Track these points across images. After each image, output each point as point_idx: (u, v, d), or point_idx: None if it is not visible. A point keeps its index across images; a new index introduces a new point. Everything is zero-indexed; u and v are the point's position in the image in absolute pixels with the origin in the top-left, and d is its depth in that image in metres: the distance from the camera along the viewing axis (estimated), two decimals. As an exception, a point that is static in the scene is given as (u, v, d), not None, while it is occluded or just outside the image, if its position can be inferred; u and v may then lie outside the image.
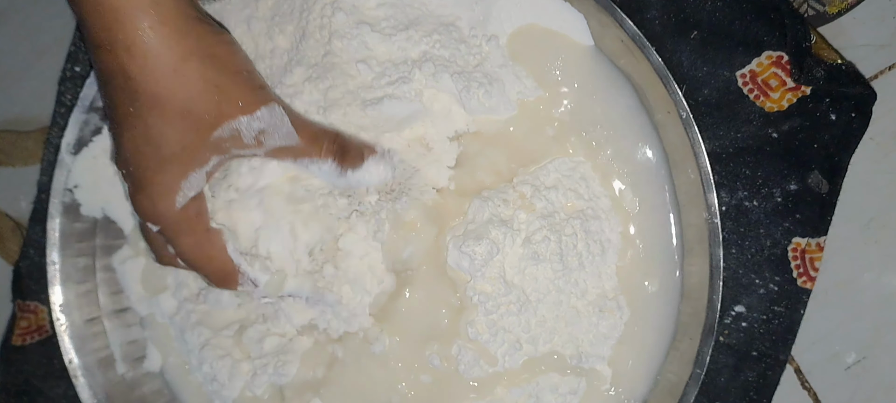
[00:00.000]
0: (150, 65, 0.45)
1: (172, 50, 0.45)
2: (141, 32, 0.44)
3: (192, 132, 0.47)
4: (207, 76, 0.46)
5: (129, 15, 0.44)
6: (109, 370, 0.61)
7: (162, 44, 0.45)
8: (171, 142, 0.46)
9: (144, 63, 0.44)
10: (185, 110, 0.46)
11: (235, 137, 0.48)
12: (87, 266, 0.62)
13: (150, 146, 0.47)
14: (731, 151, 0.65)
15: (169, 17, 0.45)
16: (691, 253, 0.59)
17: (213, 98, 0.47)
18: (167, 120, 0.46)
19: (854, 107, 0.63)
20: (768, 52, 0.63)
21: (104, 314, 0.63)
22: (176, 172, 0.48)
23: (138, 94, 0.45)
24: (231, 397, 0.59)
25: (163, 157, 0.47)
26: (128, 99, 0.45)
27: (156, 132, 0.46)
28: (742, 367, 0.66)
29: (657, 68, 0.56)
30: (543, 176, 0.58)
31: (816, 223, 0.64)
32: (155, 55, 0.44)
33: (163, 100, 0.45)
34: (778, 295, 0.65)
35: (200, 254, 0.51)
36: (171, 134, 0.46)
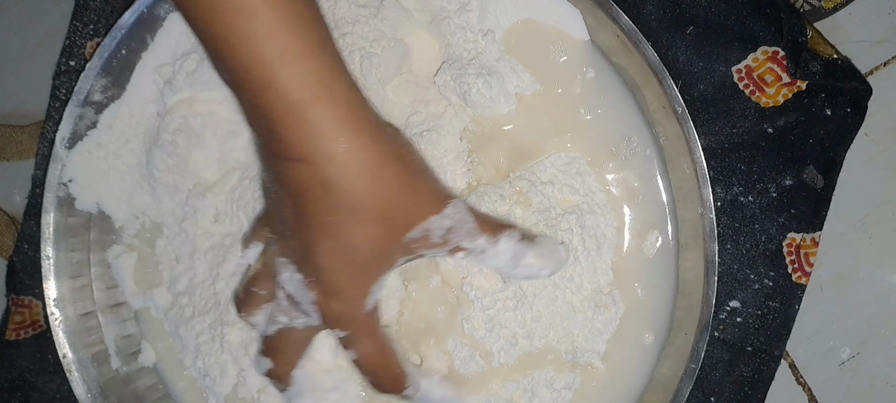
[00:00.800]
0: (353, 174, 0.44)
1: (372, 157, 0.45)
2: (344, 143, 0.44)
3: (388, 236, 0.47)
4: (402, 178, 0.46)
5: (332, 126, 0.43)
6: (104, 365, 0.61)
7: (363, 151, 0.44)
8: (366, 247, 0.46)
9: (347, 173, 0.44)
10: (383, 215, 0.46)
11: (425, 238, 0.48)
12: (82, 260, 0.62)
13: (348, 252, 0.46)
14: (727, 146, 0.65)
15: (365, 123, 0.45)
16: (686, 248, 0.59)
17: (408, 201, 0.47)
18: (365, 226, 0.45)
19: (849, 102, 0.63)
20: (764, 47, 0.63)
21: (99, 308, 0.62)
22: (369, 277, 0.48)
23: (339, 205, 0.45)
24: (223, 393, 0.59)
25: (358, 263, 0.47)
26: (326, 208, 0.45)
27: (355, 239, 0.46)
28: (737, 362, 0.66)
29: (653, 64, 0.56)
30: (540, 171, 0.58)
31: (811, 218, 0.64)
32: (357, 163, 0.44)
33: (363, 208, 0.45)
34: (773, 291, 0.65)
35: (381, 359, 0.51)
36: (368, 240, 0.46)
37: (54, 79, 0.67)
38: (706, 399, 0.66)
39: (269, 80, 0.42)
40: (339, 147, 0.43)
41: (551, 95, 0.59)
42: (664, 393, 0.58)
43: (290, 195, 0.46)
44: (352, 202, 0.45)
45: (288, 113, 0.43)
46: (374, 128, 0.45)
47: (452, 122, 0.58)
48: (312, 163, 0.44)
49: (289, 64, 0.42)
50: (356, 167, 0.44)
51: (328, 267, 0.47)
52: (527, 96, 0.59)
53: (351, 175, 0.44)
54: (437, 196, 0.49)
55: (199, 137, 0.58)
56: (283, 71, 0.42)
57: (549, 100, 0.59)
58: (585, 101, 0.59)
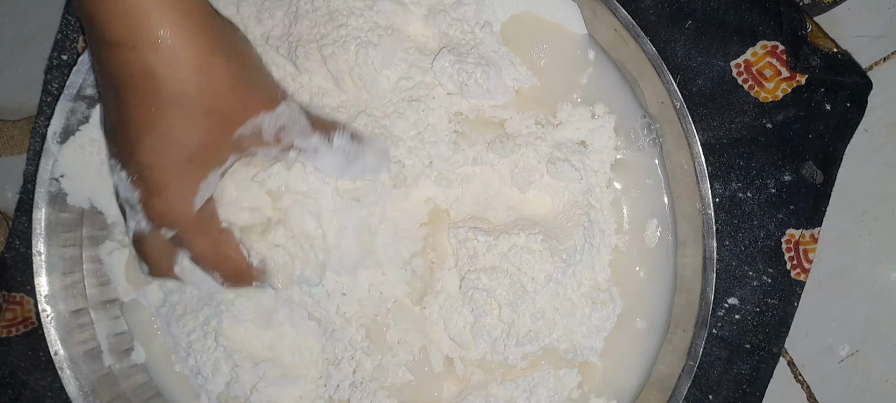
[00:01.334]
0: (177, 61, 0.42)
1: (199, 46, 0.43)
2: (167, 28, 0.42)
3: (217, 130, 0.45)
4: (232, 72, 0.45)
5: (154, 10, 0.41)
6: (96, 362, 0.61)
7: (189, 39, 0.42)
8: (193, 141, 0.44)
9: (171, 60, 0.42)
10: (211, 108, 0.44)
11: (257, 135, 0.47)
12: (74, 256, 0.61)
13: (172, 147, 0.44)
14: (725, 142, 0.64)
15: (193, 11, 0.43)
16: (684, 245, 0.59)
17: (238, 94, 0.45)
18: (191, 119, 0.44)
19: (849, 97, 0.63)
20: (763, 41, 0.63)
21: (91, 305, 0.62)
22: (196, 174, 0.46)
23: (161, 94, 0.43)
24: (216, 391, 0.58)
25: (183, 158, 0.45)
26: (149, 98, 0.43)
27: (179, 132, 0.44)
28: (735, 360, 0.66)
29: (651, 58, 0.56)
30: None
31: (811, 214, 0.64)
32: (182, 51, 0.42)
33: (188, 99, 0.43)
34: (771, 288, 0.65)
35: (217, 254, 0.50)
36: (194, 133, 0.44)
37: (46, 73, 0.67)
38: (704, 397, 0.66)
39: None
40: (163, 31, 0.41)
41: (548, 90, 0.59)
42: (662, 391, 0.58)
43: (112, 85, 0.44)
44: (176, 92, 0.43)
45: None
46: (205, 16, 0.44)
47: (443, 101, 0.57)
48: (133, 47, 0.42)
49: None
50: (182, 54, 0.42)
51: (151, 164, 0.44)
52: (524, 89, 0.58)
53: (175, 62, 0.42)
54: (271, 93, 0.47)
55: None
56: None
57: (545, 95, 0.59)
58: (582, 97, 0.59)
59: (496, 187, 0.57)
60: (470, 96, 0.57)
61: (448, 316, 0.56)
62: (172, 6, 0.42)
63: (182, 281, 0.51)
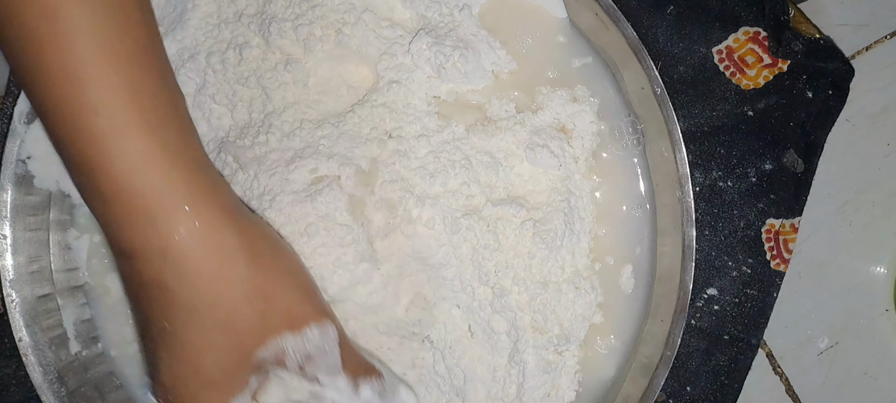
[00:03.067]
0: (189, 271, 0.38)
1: (215, 253, 0.39)
2: (178, 235, 0.38)
3: (234, 351, 0.40)
4: (254, 282, 0.40)
5: (164, 215, 0.38)
6: (62, 349, 0.59)
7: (200, 246, 0.38)
8: (209, 364, 0.40)
9: (181, 269, 0.38)
10: (226, 324, 0.39)
11: (279, 359, 0.41)
12: (41, 240, 0.60)
13: (187, 369, 0.40)
14: (706, 130, 0.64)
15: (210, 212, 0.39)
16: (664, 234, 0.59)
17: (257, 308, 0.40)
18: (206, 337, 0.39)
19: (831, 84, 0.63)
20: (745, 27, 0.63)
21: (58, 291, 0.60)
22: (217, 397, 0.41)
23: (173, 307, 0.39)
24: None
25: (200, 382, 0.40)
26: (162, 312, 0.39)
27: (193, 352, 0.40)
28: (713, 351, 0.65)
29: (632, 43, 0.55)
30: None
31: (791, 203, 0.64)
32: (194, 259, 0.38)
33: (200, 312, 0.39)
34: (751, 278, 0.65)
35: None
36: (210, 354, 0.40)
37: (14, 53, 0.65)
38: (682, 389, 0.65)
39: (98, 162, 0.37)
40: (171, 239, 0.38)
41: (527, 74, 0.58)
42: (640, 381, 0.57)
43: (128, 292, 0.41)
44: (187, 306, 0.39)
45: (118, 200, 0.37)
46: (223, 217, 0.39)
47: (422, 84, 0.56)
48: (143, 257, 0.38)
49: (118, 142, 0.37)
50: (191, 263, 0.38)
51: (171, 385, 0.41)
52: (502, 74, 0.58)
53: (184, 272, 0.38)
54: (300, 310, 0.42)
55: None
56: (110, 150, 0.37)
57: (525, 79, 0.58)
58: (562, 82, 0.58)
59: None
60: (448, 79, 0.56)
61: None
62: (186, 210, 0.38)
63: None
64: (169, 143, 0.38)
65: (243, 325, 0.40)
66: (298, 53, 0.55)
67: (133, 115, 0.37)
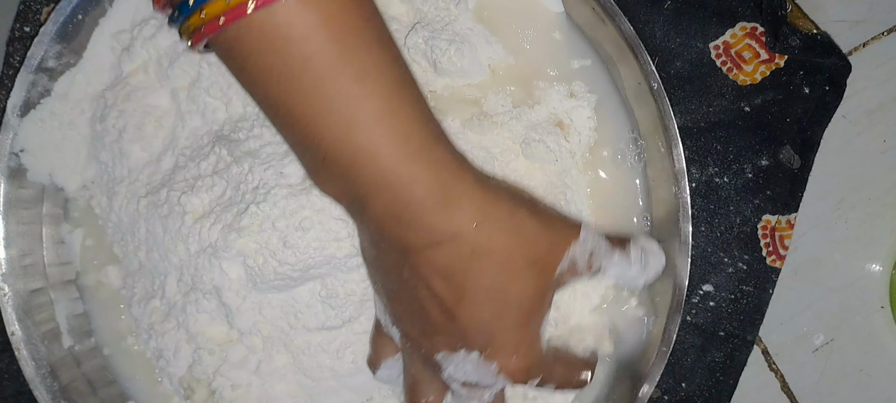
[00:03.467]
0: (497, 229, 0.44)
1: (505, 208, 0.45)
2: (482, 208, 0.44)
3: (542, 277, 0.46)
4: (535, 219, 0.46)
5: (467, 198, 0.43)
6: (54, 343, 0.59)
7: (497, 206, 0.44)
8: (528, 296, 0.46)
9: (492, 231, 0.44)
10: (534, 258, 0.45)
11: (572, 267, 0.48)
12: (34, 234, 0.60)
13: (513, 308, 0.46)
14: (703, 126, 0.64)
15: (488, 183, 0.45)
16: (660, 230, 0.58)
17: (548, 237, 0.46)
18: (521, 275, 0.45)
19: (828, 80, 0.63)
20: (742, 23, 0.63)
21: (50, 285, 0.60)
22: (537, 321, 0.48)
23: (493, 267, 0.44)
24: (178, 374, 0.57)
25: (525, 313, 0.46)
26: (482, 276, 0.44)
27: (515, 293, 0.45)
28: (709, 347, 0.65)
29: (629, 38, 0.55)
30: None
31: (787, 199, 0.64)
32: (497, 220, 0.44)
33: (514, 258, 0.45)
34: (747, 274, 0.65)
35: (571, 374, 0.52)
36: (528, 288, 0.46)
37: (8, 45, 0.65)
38: (677, 385, 0.65)
39: (392, 181, 0.42)
40: (480, 213, 0.43)
41: (524, 68, 0.58)
42: (634, 378, 0.57)
43: (439, 279, 0.45)
44: (504, 258, 0.44)
45: (423, 203, 0.43)
46: (495, 183, 0.46)
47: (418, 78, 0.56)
48: (458, 237, 0.43)
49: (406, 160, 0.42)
50: (498, 223, 0.44)
51: (501, 330, 0.46)
52: (499, 68, 0.57)
53: (494, 232, 0.44)
54: (567, 224, 0.48)
55: (137, 129, 0.57)
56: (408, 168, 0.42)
57: (521, 74, 0.58)
58: (559, 77, 0.58)
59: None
60: (444, 74, 0.56)
61: None
62: (477, 189, 0.44)
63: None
64: (451, 147, 0.45)
65: (543, 253, 0.46)
66: None
67: (425, 136, 0.43)
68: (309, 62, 0.40)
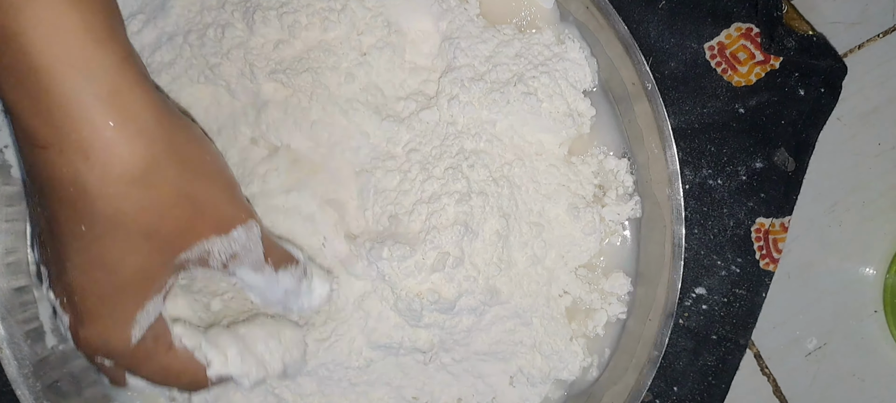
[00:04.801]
0: (113, 173, 0.35)
1: (142, 153, 0.36)
2: (102, 131, 0.35)
3: (157, 254, 0.39)
4: (181, 186, 0.38)
5: (86, 108, 0.34)
6: (38, 343, 0.58)
7: (129, 144, 0.35)
8: (128, 267, 0.38)
9: (105, 170, 0.35)
10: (151, 229, 0.38)
11: (202, 259, 0.41)
12: (18, 231, 0.59)
13: (103, 272, 0.38)
14: (697, 127, 0.64)
15: (134, 110, 0.36)
16: (653, 232, 0.58)
17: (186, 213, 0.39)
18: (127, 240, 0.37)
19: (823, 82, 0.62)
20: (737, 23, 0.62)
21: (35, 283, 0.59)
22: (131, 302, 0.40)
23: (94, 211, 0.36)
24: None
25: (116, 285, 0.39)
26: (78, 215, 0.36)
27: (111, 257, 0.38)
28: (701, 351, 0.65)
29: (623, 38, 0.55)
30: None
31: (781, 202, 0.64)
32: (119, 160, 0.35)
33: (125, 218, 0.37)
34: (740, 278, 0.64)
35: (167, 376, 0.43)
36: (131, 258, 0.38)
37: (-7, 40, 0.63)
38: (669, 389, 0.65)
39: (13, 31, 0.33)
40: (95, 135, 0.34)
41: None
42: (626, 381, 0.57)
43: (37, 187, 0.38)
44: (110, 210, 0.36)
45: (34, 81, 0.34)
46: (152, 117, 0.36)
47: None
48: (60, 151, 0.35)
49: (40, 15, 0.33)
50: (118, 165, 0.35)
51: (79, 288, 0.39)
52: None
53: (110, 175, 0.35)
54: (227, 212, 0.41)
55: None
56: (30, 20, 0.33)
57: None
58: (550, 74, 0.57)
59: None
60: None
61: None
62: (109, 102, 0.35)
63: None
64: (95, 25, 0.35)
65: (169, 230, 0.38)
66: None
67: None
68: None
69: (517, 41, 0.56)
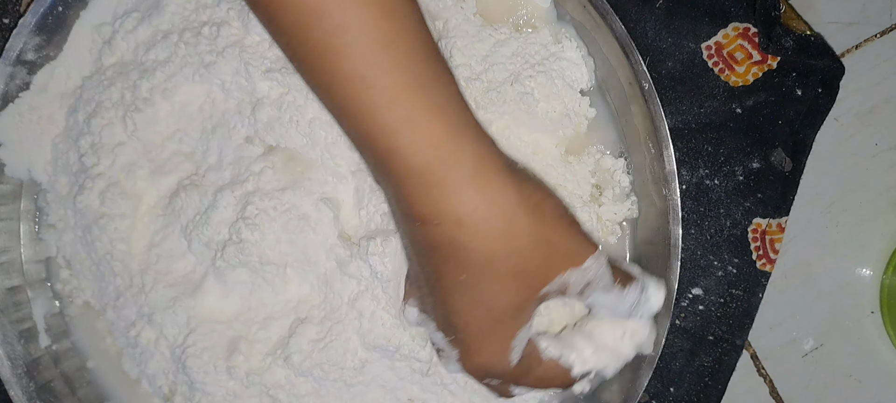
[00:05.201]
0: (483, 232, 0.43)
1: (502, 211, 0.43)
2: (471, 203, 0.43)
3: (524, 290, 0.46)
4: (537, 231, 0.45)
5: (456, 187, 0.42)
6: (32, 343, 0.58)
7: (491, 207, 0.43)
8: (501, 304, 0.45)
9: (475, 232, 0.43)
10: (518, 270, 0.45)
11: (562, 289, 0.47)
12: (11, 230, 0.59)
13: (482, 309, 0.46)
14: (694, 127, 0.63)
15: (493, 177, 0.43)
16: (650, 233, 0.58)
17: (544, 254, 0.45)
18: (499, 282, 0.45)
19: (821, 82, 0.62)
20: (735, 23, 0.62)
21: (28, 283, 0.59)
22: (507, 333, 0.47)
23: (470, 263, 0.44)
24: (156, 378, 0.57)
25: (493, 319, 0.46)
26: (457, 267, 0.44)
27: (488, 296, 0.45)
28: (698, 352, 0.65)
29: (620, 37, 0.54)
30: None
31: (778, 202, 0.63)
32: (486, 221, 0.43)
33: (495, 264, 0.44)
34: (736, 278, 0.64)
35: (543, 382, 0.51)
36: (503, 296, 0.45)
37: (-14, 37, 0.63)
38: (665, 390, 0.65)
39: (392, 147, 0.42)
40: (465, 207, 0.43)
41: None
42: (622, 383, 0.57)
43: (420, 255, 0.46)
44: (482, 260, 0.44)
45: (412, 177, 0.42)
46: (504, 180, 0.44)
47: None
48: (438, 224, 0.43)
49: (410, 130, 0.42)
50: (484, 225, 0.43)
51: (464, 326, 0.46)
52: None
53: (479, 233, 0.43)
54: (576, 247, 0.47)
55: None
56: (404, 138, 0.42)
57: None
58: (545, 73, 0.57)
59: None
60: None
61: None
62: (473, 180, 0.43)
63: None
64: (452, 122, 0.43)
65: (532, 269, 0.45)
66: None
67: (419, 103, 0.42)
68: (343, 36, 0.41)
69: (514, 40, 0.56)
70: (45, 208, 0.59)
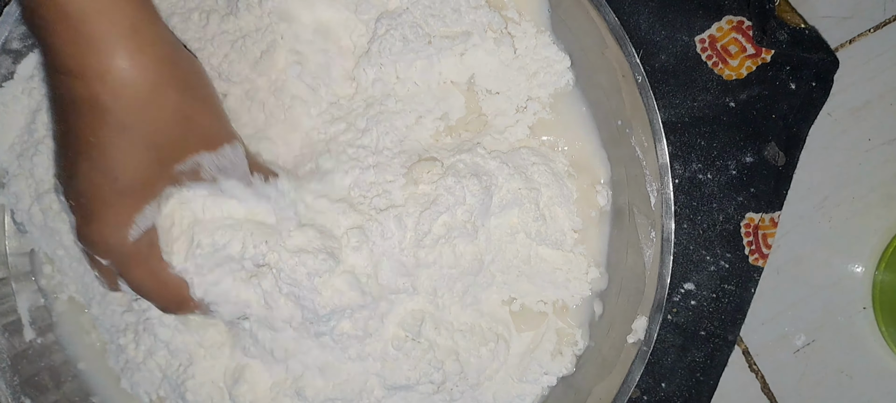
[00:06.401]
0: (125, 93, 0.42)
1: (148, 78, 0.43)
2: (118, 60, 0.42)
3: (155, 165, 0.45)
4: (181, 107, 0.45)
5: (107, 42, 0.41)
6: (16, 336, 0.57)
7: (139, 71, 0.42)
8: (130, 174, 0.44)
9: (118, 91, 0.42)
10: (152, 142, 0.44)
11: (195, 171, 0.47)
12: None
13: (107, 177, 0.44)
14: (687, 121, 0.63)
15: (147, 43, 0.43)
16: (642, 227, 0.57)
17: (182, 130, 0.45)
18: (131, 150, 0.44)
19: (815, 76, 0.62)
20: (729, 16, 0.62)
21: (12, 275, 0.59)
22: (130, 206, 0.46)
23: (105, 124, 0.43)
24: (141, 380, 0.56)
25: (118, 190, 0.44)
26: (90, 127, 0.43)
27: (116, 163, 0.44)
28: (689, 347, 0.65)
29: (613, 28, 0.54)
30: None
31: (771, 197, 0.63)
32: (130, 84, 0.42)
33: (130, 131, 0.43)
34: (729, 273, 0.64)
35: (154, 284, 0.49)
36: (133, 166, 0.44)
37: (-30, 26, 0.62)
38: (657, 385, 0.65)
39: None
40: (112, 64, 0.42)
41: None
42: (614, 377, 0.56)
43: (59, 111, 0.45)
44: (118, 123, 0.43)
45: (63, 23, 0.41)
46: (159, 50, 0.44)
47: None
48: (80, 77, 0.42)
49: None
50: (127, 88, 0.42)
51: (85, 191, 0.45)
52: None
53: (121, 95, 0.42)
54: (216, 132, 0.47)
55: None
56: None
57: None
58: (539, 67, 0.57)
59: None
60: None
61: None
62: (128, 38, 0.42)
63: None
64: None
65: (167, 143, 0.45)
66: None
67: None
68: None
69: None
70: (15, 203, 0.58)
